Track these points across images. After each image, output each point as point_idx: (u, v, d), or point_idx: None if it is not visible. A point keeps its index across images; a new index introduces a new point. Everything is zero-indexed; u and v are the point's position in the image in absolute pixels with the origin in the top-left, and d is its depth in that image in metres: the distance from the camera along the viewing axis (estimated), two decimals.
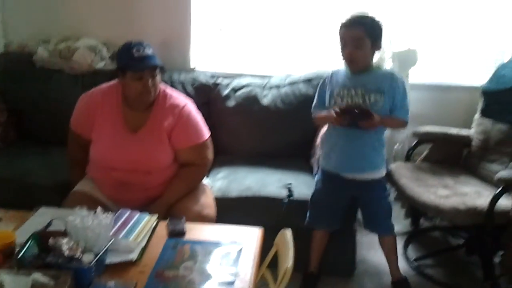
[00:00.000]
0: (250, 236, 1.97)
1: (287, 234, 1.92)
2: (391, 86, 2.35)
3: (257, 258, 1.86)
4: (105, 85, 2.46)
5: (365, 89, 2.34)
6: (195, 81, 3.19)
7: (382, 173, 2.50)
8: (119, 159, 2.32)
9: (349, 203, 2.58)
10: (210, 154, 2.48)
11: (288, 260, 1.77)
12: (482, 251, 2.74)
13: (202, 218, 2.26)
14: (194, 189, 2.43)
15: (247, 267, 1.79)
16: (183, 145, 2.39)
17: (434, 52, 3.42)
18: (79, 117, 2.45)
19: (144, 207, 2.22)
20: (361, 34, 2.29)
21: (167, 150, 2.36)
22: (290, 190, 2.65)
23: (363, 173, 2.46)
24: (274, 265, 1.90)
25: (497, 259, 2.75)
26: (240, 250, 1.88)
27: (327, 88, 2.50)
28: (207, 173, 2.55)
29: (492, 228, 2.53)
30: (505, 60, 3.25)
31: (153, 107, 2.36)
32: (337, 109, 2.33)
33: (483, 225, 2.51)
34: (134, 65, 2.23)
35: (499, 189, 2.50)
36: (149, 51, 2.26)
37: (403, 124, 2.43)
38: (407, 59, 3.11)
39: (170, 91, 2.45)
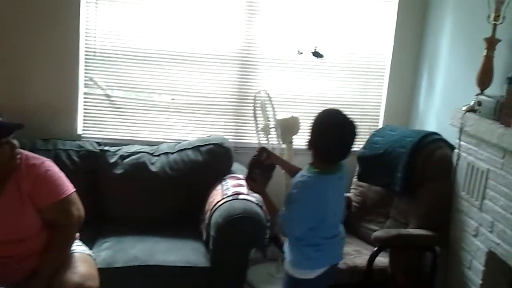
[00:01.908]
0: None
1: None
2: None
3: None
4: None
5: None
6: (81, 149, 3.13)
7: None
8: None
9: None
10: (75, 210, 2.34)
11: None
12: None
13: None
14: (68, 253, 2.32)
15: None
16: (45, 204, 2.26)
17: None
18: None
19: (24, 282, 2.08)
20: None
21: (32, 213, 2.24)
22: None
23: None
24: None
25: None
26: None
27: None
28: (76, 231, 2.41)
29: (372, 285, 2.66)
30: (378, 127, 3.56)
31: (11, 173, 2.24)
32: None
33: (363, 282, 2.64)
34: None
35: (376, 248, 2.66)
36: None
37: None
38: (290, 126, 3.28)
39: (26, 153, 2.34)
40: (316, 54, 3.43)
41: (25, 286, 2.03)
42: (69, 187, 2.37)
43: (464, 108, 2.65)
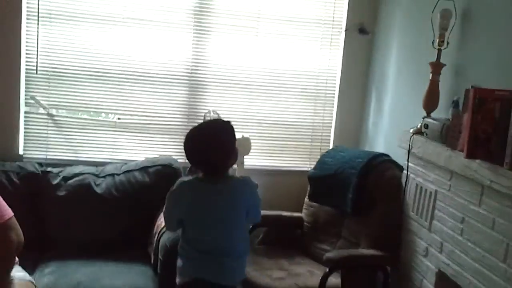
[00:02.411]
0: None
1: None
2: None
3: None
4: None
5: None
6: (21, 170, 2.99)
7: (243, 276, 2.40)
8: None
9: None
10: (14, 236, 2.17)
11: None
12: None
13: None
14: (6, 282, 2.16)
15: None
16: None
17: (266, 141, 3.66)
18: None
19: None
20: None
21: None
22: None
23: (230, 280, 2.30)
24: None
25: None
26: None
27: None
28: (15, 257, 2.25)
29: None
30: (329, 148, 3.60)
31: None
32: None
33: None
34: None
35: (328, 269, 2.65)
36: None
37: None
38: (240, 147, 3.25)
39: None
40: (362, 31, 3.50)
41: None
42: (7, 211, 2.22)
43: (412, 130, 2.70)
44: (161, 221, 2.79)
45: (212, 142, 2.19)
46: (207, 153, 2.17)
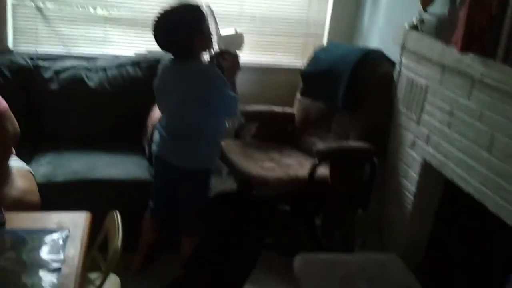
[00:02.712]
0: (77, 221, 1.90)
1: (115, 215, 1.92)
2: None
3: (85, 242, 1.81)
4: None
5: None
6: (13, 64, 2.96)
7: (203, 165, 2.49)
8: None
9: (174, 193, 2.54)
10: (10, 126, 2.24)
11: (116, 241, 1.77)
12: (305, 215, 3.00)
13: (24, 206, 2.13)
14: (5, 168, 2.24)
15: (75, 252, 1.74)
16: None
17: (259, 36, 3.61)
18: None
19: None
20: None
21: None
22: None
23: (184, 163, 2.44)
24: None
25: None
26: (67, 236, 1.82)
27: None
28: (12, 147, 2.32)
29: (313, 194, 2.78)
30: (323, 45, 3.57)
31: None
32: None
33: (305, 192, 2.74)
34: None
35: (317, 160, 2.75)
36: None
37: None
38: (233, 42, 3.21)
39: None
40: None
41: None
42: (2, 104, 2.24)
43: (407, 26, 2.68)
44: (155, 115, 2.84)
45: (169, 26, 2.27)
46: (164, 37, 2.27)
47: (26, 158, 2.58)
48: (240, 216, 2.59)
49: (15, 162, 2.38)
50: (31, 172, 2.44)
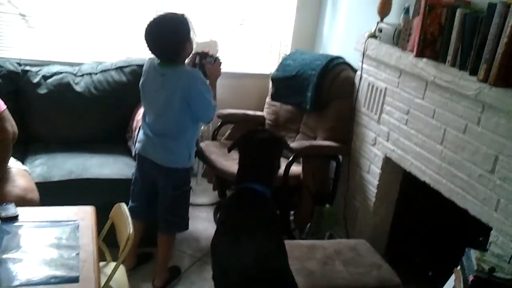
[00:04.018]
0: (84, 214, 2.10)
1: (122, 206, 2.12)
2: None
3: (94, 231, 2.00)
4: None
5: None
6: (1, 69, 3.08)
7: (181, 164, 2.61)
8: None
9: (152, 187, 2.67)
10: (9, 126, 2.40)
11: (127, 229, 1.97)
12: (280, 210, 3.25)
13: (26, 203, 2.28)
14: (6, 167, 2.40)
15: (87, 240, 1.93)
16: None
17: (231, 44, 3.87)
18: None
19: None
20: None
21: None
22: None
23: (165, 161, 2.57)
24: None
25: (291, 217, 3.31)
26: (77, 226, 2.00)
27: None
28: (10, 147, 2.44)
29: (287, 190, 3.04)
30: (287, 52, 3.86)
31: None
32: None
33: (280, 187, 2.99)
34: None
35: (291, 157, 3.02)
36: None
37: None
38: (209, 48, 3.44)
39: None
40: None
41: None
42: (1, 104, 2.39)
43: (366, 34, 3.00)
44: (139, 117, 3.03)
45: (161, 32, 2.43)
46: (153, 42, 2.43)
47: (19, 159, 2.70)
48: None
49: (13, 162, 2.52)
50: (28, 172, 2.59)
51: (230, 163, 3.09)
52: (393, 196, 2.96)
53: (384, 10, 2.95)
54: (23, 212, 2.04)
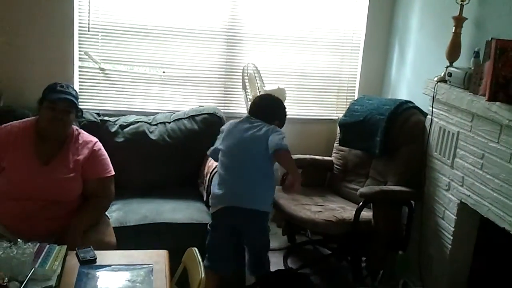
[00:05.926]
0: (157, 258, 2.17)
1: (194, 250, 2.17)
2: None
3: (168, 275, 2.06)
4: (20, 120, 2.59)
5: None
6: (82, 119, 3.28)
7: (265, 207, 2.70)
8: (28, 189, 2.40)
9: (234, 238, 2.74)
10: (113, 188, 2.66)
11: (199, 274, 2.01)
12: (351, 256, 3.20)
13: (104, 246, 2.39)
14: (100, 218, 2.57)
15: (161, 283, 1.99)
16: (93, 176, 2.56)
17: (298, 91, 3.96)
18: None
19: (46, 239, 2.28)
20: None
21: (78, 180, 2.51)
22: None
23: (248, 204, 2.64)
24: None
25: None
26: (151, 270, 2.07)
27: None
28: (109, 206, 2.70)
29: (358, 236, 2.99)
30: (355, 97, 3.89)
31: (66, 143, 2.53)
32: None
33: (351, 234, 2.96)
34: (52, 95, 2.45)
35: (361, 203, 2.99)
36: (72, 91, 2.51)
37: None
38: (278, 96, 3.53)
39: (81, 131, 2.67)
40: None
41: (61, 238, 2.25)
42: (112, 168, 2.66)
43: (436, 78, 2.98)
44: (211, 163, 3.14)
45: (264, 105, 2.91)
46: (259, 112, 2.85)
47: None
48: None
49: None
50: (107, 217, 2.73)
51: (299, 208, 3.09)
52: (471, 243, 2.84)
53: (453, 54, 2.93)
54: (101, 255, 2.14)
